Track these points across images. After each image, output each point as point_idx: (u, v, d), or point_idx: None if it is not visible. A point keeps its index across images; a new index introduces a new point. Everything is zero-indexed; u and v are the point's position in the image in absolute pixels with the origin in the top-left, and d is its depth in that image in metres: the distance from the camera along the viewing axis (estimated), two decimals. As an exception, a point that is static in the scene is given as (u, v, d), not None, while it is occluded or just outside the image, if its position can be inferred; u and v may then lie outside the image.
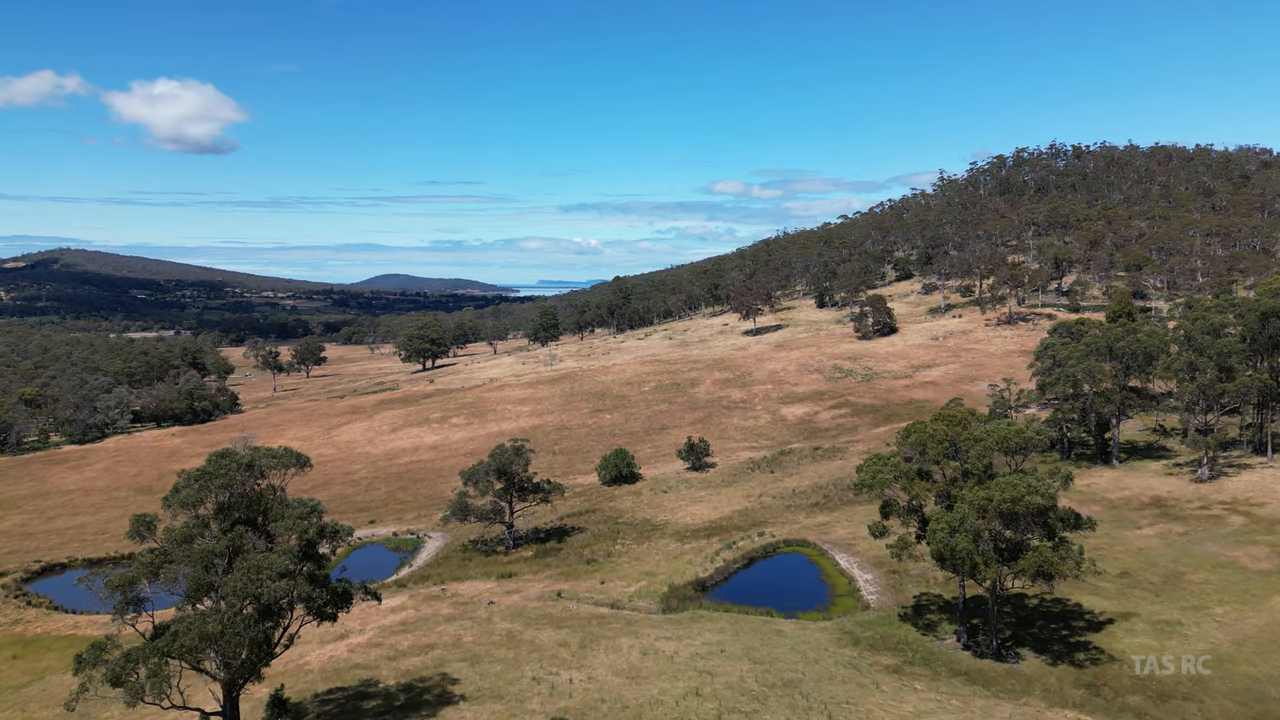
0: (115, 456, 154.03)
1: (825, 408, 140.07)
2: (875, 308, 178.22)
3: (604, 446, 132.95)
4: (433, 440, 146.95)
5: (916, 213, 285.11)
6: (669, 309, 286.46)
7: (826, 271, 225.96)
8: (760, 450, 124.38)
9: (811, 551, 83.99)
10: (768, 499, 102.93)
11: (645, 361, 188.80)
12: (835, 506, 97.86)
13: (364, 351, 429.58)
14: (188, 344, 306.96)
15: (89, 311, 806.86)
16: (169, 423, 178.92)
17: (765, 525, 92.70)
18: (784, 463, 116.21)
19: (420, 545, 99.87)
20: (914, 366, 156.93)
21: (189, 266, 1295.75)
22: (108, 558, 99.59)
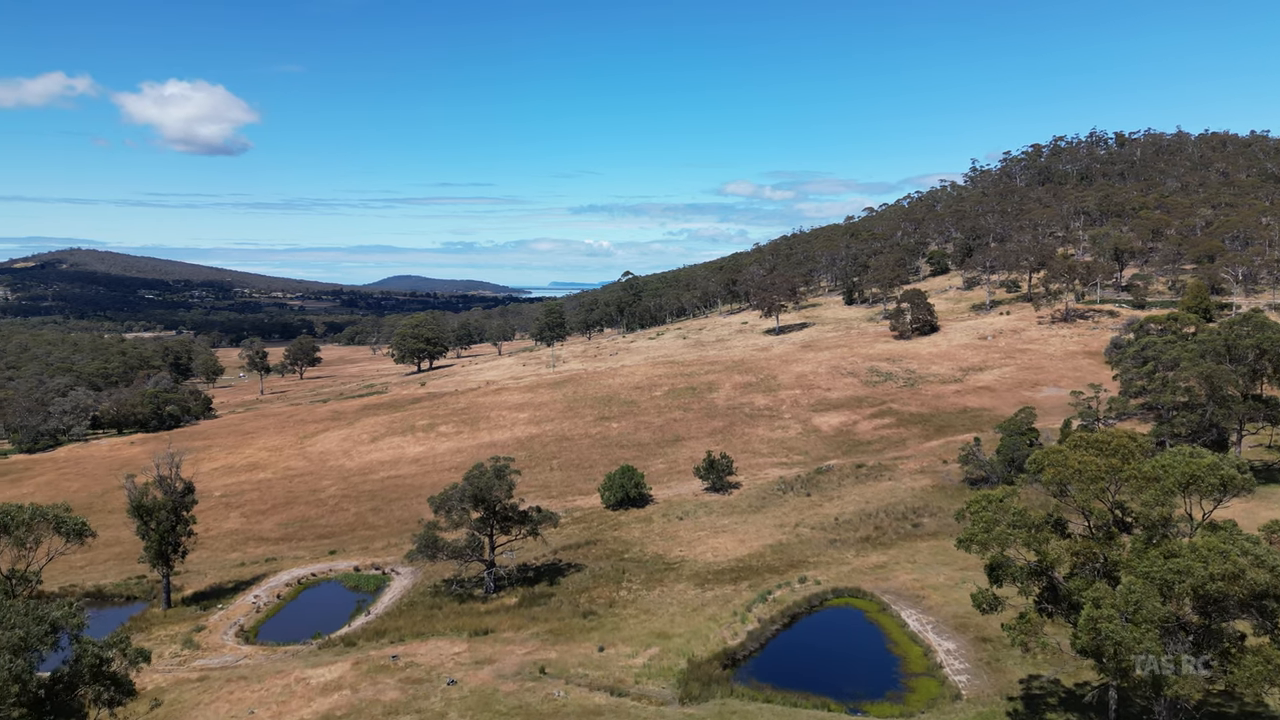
0: (62, 469, 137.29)
1: (865, 416, 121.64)
2: (914, 303, 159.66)
3: (609, 461, 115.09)
4: (416, 452, 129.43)
5: (949, 203, 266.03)
6: (682, 307, 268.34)
7: (855, 265, 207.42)
8: (792, 467, 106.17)
9: (868, 605, 65.79)
10: (805, 530, 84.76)
11: (657, 363, 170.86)
12: (890, 542, 79.59)
13: (365, 352, 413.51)
14: (175, 344, 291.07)
15: (95, 312, 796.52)
16: (132, 429, 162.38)
17: (806, 566, 74.60)
18: (821, 483, 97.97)
19: (385, 584, 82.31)
20: (963, 369, 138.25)
21: (199, 267, 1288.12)
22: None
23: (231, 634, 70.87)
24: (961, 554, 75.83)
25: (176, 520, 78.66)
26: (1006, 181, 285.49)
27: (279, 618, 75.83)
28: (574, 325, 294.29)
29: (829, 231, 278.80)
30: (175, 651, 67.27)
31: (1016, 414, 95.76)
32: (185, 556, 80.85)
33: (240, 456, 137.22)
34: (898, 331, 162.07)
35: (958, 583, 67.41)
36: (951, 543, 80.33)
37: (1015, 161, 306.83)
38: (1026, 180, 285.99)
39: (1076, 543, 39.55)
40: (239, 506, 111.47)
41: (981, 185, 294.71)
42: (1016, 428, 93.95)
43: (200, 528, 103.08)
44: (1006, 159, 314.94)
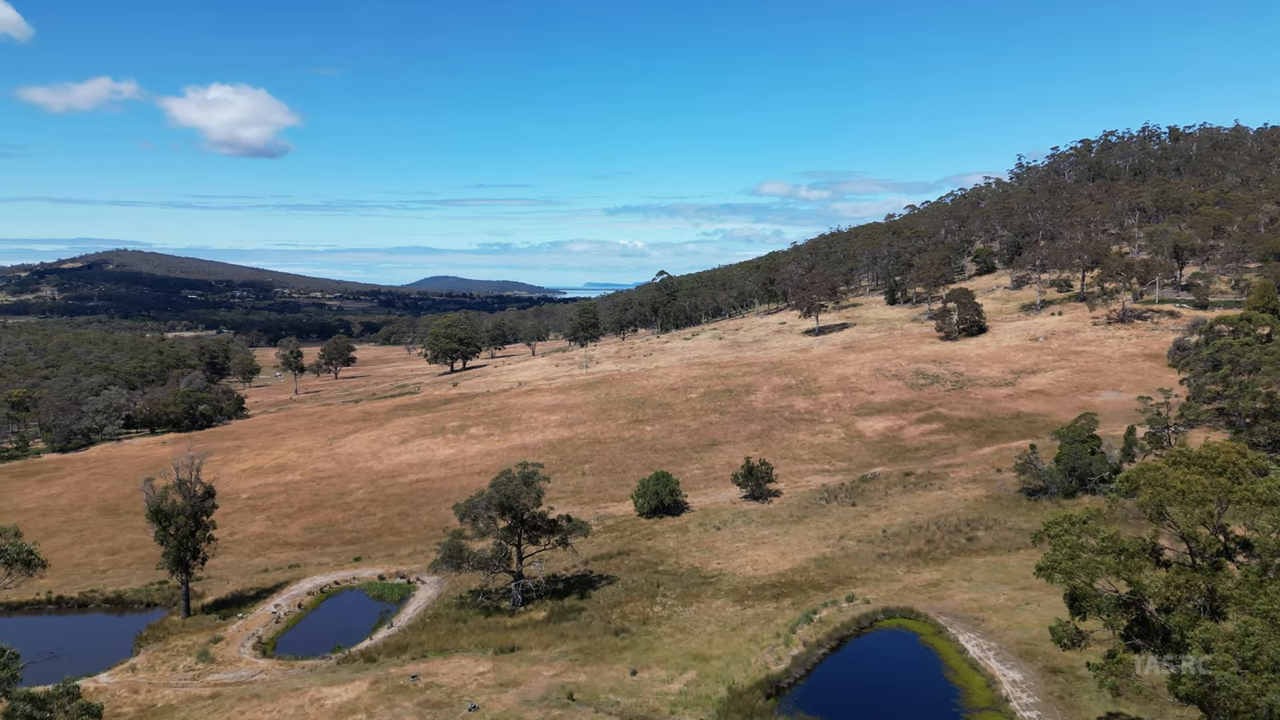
0: (92, 468, 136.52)
1: (911, 421, 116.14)
2: (962, 303, 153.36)
3: (642, 466, 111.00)
4: (445, 454, 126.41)
5: (995, 200, 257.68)
6: (718, 306, 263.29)
7: (899, 264, 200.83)
8: (835, 475, 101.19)
9: (923, 628, 60.86)
10: (851, 543, 79.89)
11: (692, 364, 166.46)
12: (944, 557, 74.48)
13: (401, 352, 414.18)
14: (212, 343, 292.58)
15: (139, 311, 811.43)
16: (165, 429, 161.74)
17: (853, 583, 69.84)
18: (866, 492, 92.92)
19: (409, 594, 79.01)
20: (1014, 372, 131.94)
21: (240, 268, 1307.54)
22: (28, 602, 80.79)
23: (249, 646, 67.95)
24: (1022, 571, 70.84)
25: (196, 525, 76.03)
26: (1055, 178, 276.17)
27: (299, 629, 72.87)
28: (608, 325, 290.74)
29: (869, 229, 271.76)
30: (190, 665, 64.45)
31: (1076, 420, 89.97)
32: (205, 563, 78.23)
33: (269, 457, 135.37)
34: (944, 332, 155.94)
35: (1020, 604, 62.29)
36: (1010, 558, 75.28)
37: (1063, 157, 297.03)
38: (1076, 176, 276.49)
39: (1178, 574, 34.51)
40: (265, 509, 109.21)
41: (1028, 182, 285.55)
42: (1077, 435, 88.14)
43: (225, 531, 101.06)
44: (1054, 155, 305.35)
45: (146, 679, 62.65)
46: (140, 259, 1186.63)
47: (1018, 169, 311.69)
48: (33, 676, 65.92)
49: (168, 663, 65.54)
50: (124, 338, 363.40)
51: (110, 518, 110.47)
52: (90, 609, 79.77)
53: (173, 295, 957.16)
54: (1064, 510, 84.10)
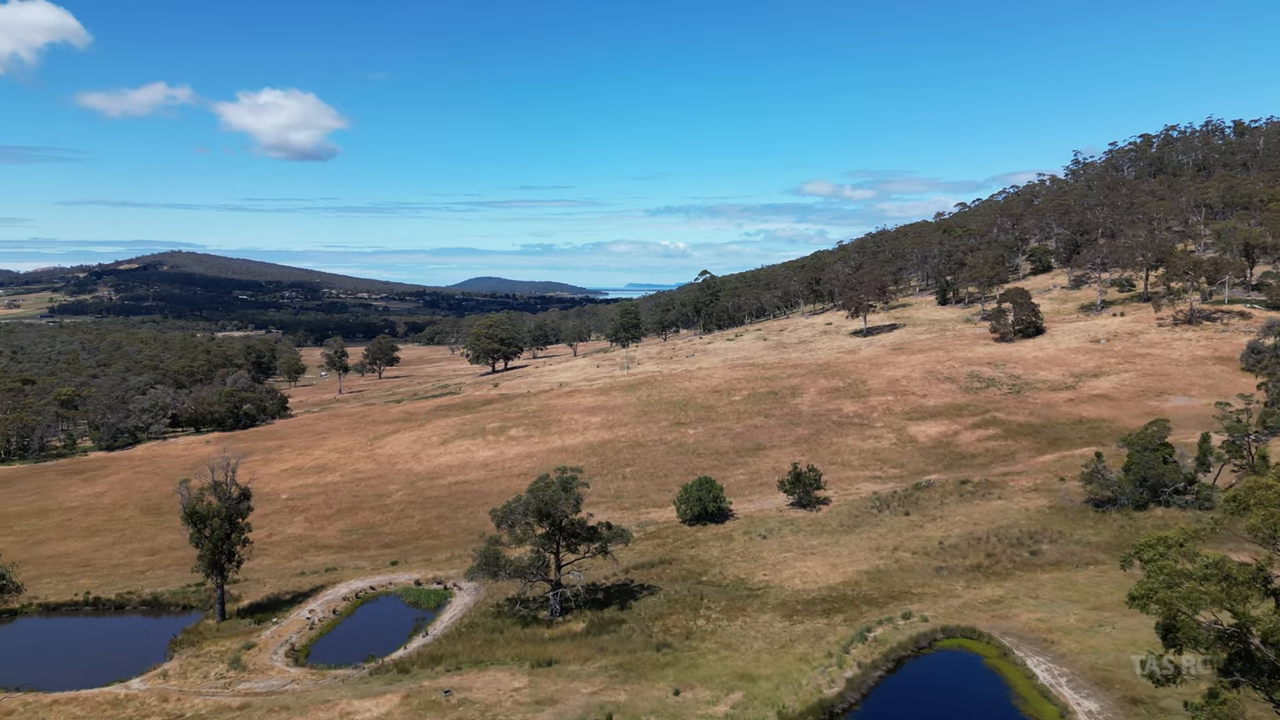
0: (137, 467, 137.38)
1: (966, 426, 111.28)
2: (1018, 303, 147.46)
3: (685, 470, 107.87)
4: (485, 456, 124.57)
5: (1050, 198, 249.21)
6: (762, 307, 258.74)
7: (950, 263, 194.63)
8: (886, 482, 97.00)
9: (987, 650, 56.85)
10: (906, 555, 75.85)
11: (735, 365, 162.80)
12: (1006, 572, 70.14)
13: (444, 352, 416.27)
14: (259, 343, 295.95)
15: (191, 312, 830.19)
16: (209, 428, 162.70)
17: (909, 599, 65.96)
18: (921, 501, 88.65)
19: (446, 601, 76.82)
20: (1075, 375, 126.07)
21: (289, 268, 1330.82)
22: (66, 603, 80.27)
23: (281, 654, 66.26)
24: (1093, 589, 66.30)
25: (231, 528, 74.71)
26: (1113, 174, 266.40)
27: (333, 636, 71.07)
28: (649, 326, 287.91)
29: (918, 228, 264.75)
30: (221, 672, 62.89)
31: (1146, 427, 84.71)
32: (240, 566, 76.97)
33: (310, 458, 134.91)
34: (998, 333, 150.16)
35: (1093, 626, 57.95)
36: (1079, 575, 70.65)
37: (1122, 153, 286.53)
38: (1136, 172, 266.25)
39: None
40: (304, 511, 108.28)
41: (1085, 178, 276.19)
42: (1147, 442, 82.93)
43: (264, 533, 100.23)
44: (1112, 150, 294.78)
45: (177, 686, 61.22)
46: (194, 260, 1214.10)
47: (1074, 165, 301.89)
48: (68, 680, 65.13)
49: (200, 669, 64.10)
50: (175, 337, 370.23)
51: (152, 517, 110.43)
52: (127, 610, 78.97)
53: (224, 296, 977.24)
54: (1135, 523, 79.35)
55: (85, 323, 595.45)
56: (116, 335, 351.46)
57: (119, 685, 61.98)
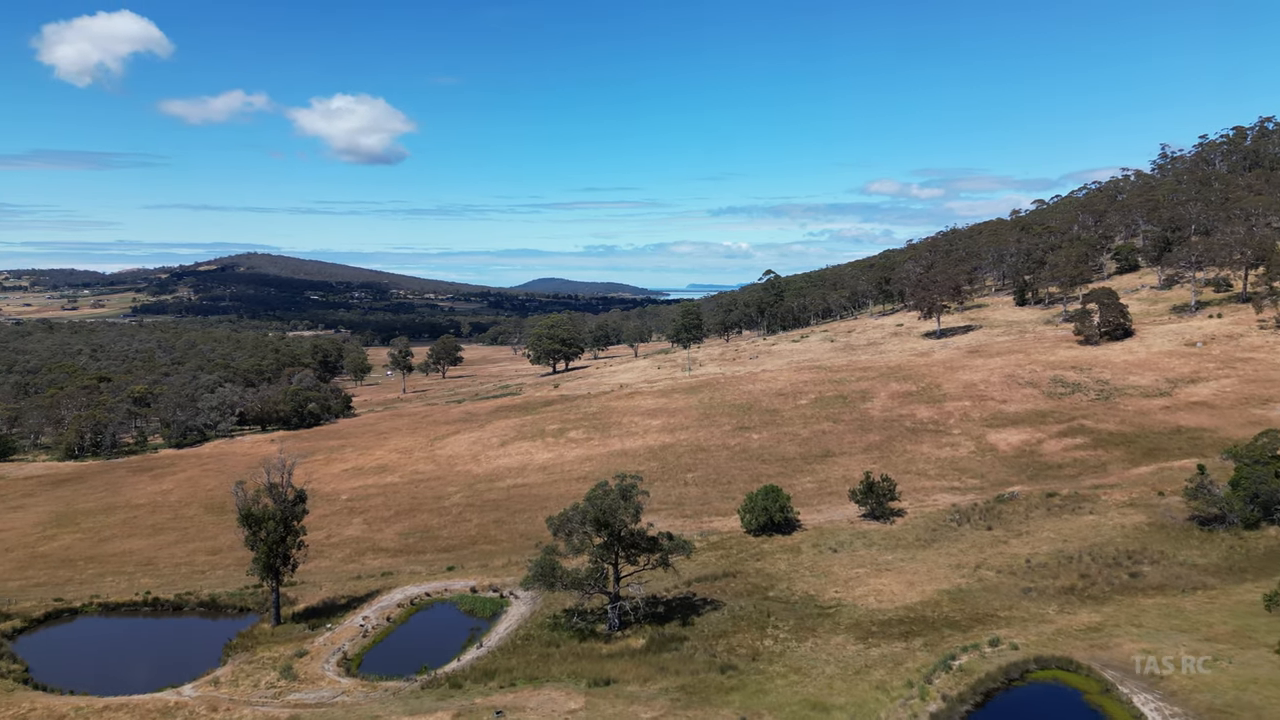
0: (204, 464, 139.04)
1: (1051, 435, 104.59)
2: (1104, 304, 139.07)
3: (749, 476, 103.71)
4: (544, 459, 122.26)
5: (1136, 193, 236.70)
6: (828, 307, 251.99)
7: (1030, 262, 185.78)
8: (965, 493, 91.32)
9: (1086, 684, 51.60)
10: (989, 573, 70.51)
11: (801, 368, 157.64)
12: (1103, 595, 64.38)
13: (507, 352, 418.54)
14: (327, 342, 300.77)
15: (265, 311, 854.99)
16: (275, 426, 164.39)
17: (995, 623, 60.84)
18: (1004, 515, 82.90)
19: (501, 610, 74.31)
20: (1170, 381, 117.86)
21: (359, 269, 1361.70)
22: (126, 603, 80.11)
23: (333, 663, 64.45)
24: (1204, 618, 60.10)
25: (286, 531, 73.42)
26: (1204, 168, 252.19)
27: (385, 644, 69.10)
28: (711, 327, 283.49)
29: (994, 226, 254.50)
30: (272, 681, 61.29)
31: (1257, 438, 77.62)
32: (295, 569, 75.69)
33: (370, 458, 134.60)
34: (1083, 336, 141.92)
35: (1209, 659, 52.15)
36: (1186, 601, 64.42)
37: (1213, 146, 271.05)
38: (1229, 166, 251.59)
39: None
40: (363, 512, 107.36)
41: (1174, 173, 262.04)
42: (1258, 455, 75.92)
43: (323, 534, 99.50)
44: (1202, 144, 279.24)
45: (228, 694, 59.80)
46: (268, 261, 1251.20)
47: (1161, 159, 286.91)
48: (122, 684, 64.48)
49: (251, 676, 62.66)
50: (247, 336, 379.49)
51: (215, 515, 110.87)
52: (185, 612, 78.40)
53: (296, 296, 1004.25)
54: (1246, 544, 72.44)
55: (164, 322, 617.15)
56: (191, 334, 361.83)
57: (171, 691, 60.90)
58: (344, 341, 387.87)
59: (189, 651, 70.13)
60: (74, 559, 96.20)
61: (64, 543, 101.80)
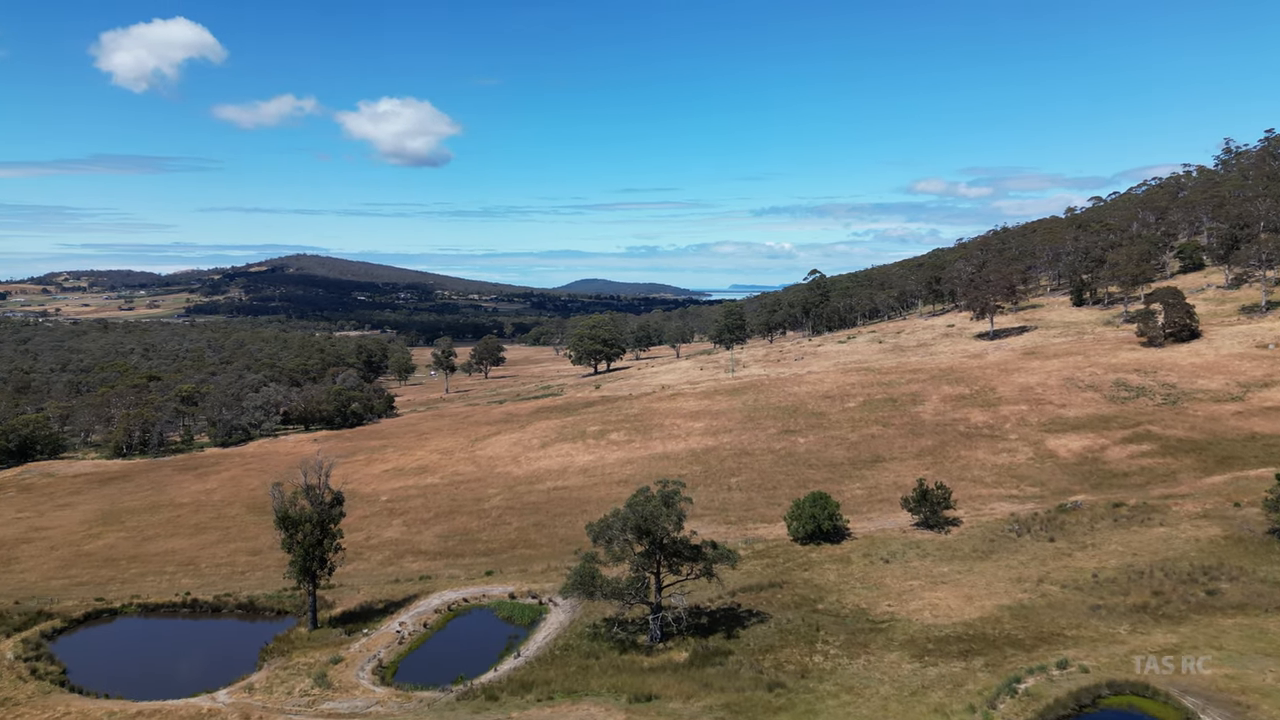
0: (247, 464, 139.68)
1: (1115, 441, 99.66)
2: (1169, 304, 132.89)
3: (795, 482, 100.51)
4: (584, 461, 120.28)
5: (1199, 189, 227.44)
6: (876, 307, 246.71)
7: (1088, 261, 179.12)
8: (1024, 501, 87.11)
9: (1164, 712, 47.82)
10: (1053, 589, 66.59)
11: (848, 370, 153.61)
12: (1179, 615, 60.14)
13: (549, 353, 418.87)
14: (371, 342, 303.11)
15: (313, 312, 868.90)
16: (318, 426, 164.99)
17: (1062, 643, 57.08)
18: (1067, 525, 78.68)
19: (540, 618, 72.29)
20: (1241, 385, 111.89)
21: (405, 270, 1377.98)
22: (165, 604, 79.76)
23: (368, 670, 62.94)
24: (1292, 642, 55.89)
25: (323, 534, 72.31)
26: (1272, 163, 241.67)
27: (422, 652, 67.50)
28: (755, 327, 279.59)
29: (1049, 224, 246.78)
30: (306, 689, 59.93)
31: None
32: (332, 573, 74.51)
33: (411, 458, 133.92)
34: (1146, 337, 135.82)
35: (1301, 690, 47.99)
36: (1270, 621, 59.73)
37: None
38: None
39: None
40: (402, 514, 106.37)
41: (1239, 168, 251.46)
42: (1346, 465, 70.83)
43: (362, 535, 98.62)
44: (1269, 138, 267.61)
45: (261, 701, 58.57)
46: (317, 263, 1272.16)
47: (1224, 154, 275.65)
48: (157, 688, 63.77)
49: (286, 683, 61.42)
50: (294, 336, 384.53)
51: (257, 515, 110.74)
52: (223, 614, 77.77)
53: (344, 297, 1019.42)
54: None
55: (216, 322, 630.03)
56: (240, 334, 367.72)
57: (205, 696, 59.92)
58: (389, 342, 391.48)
59: (225, 655, 69.34)
60: (117, 558, 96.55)
61: (108, 541, 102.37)
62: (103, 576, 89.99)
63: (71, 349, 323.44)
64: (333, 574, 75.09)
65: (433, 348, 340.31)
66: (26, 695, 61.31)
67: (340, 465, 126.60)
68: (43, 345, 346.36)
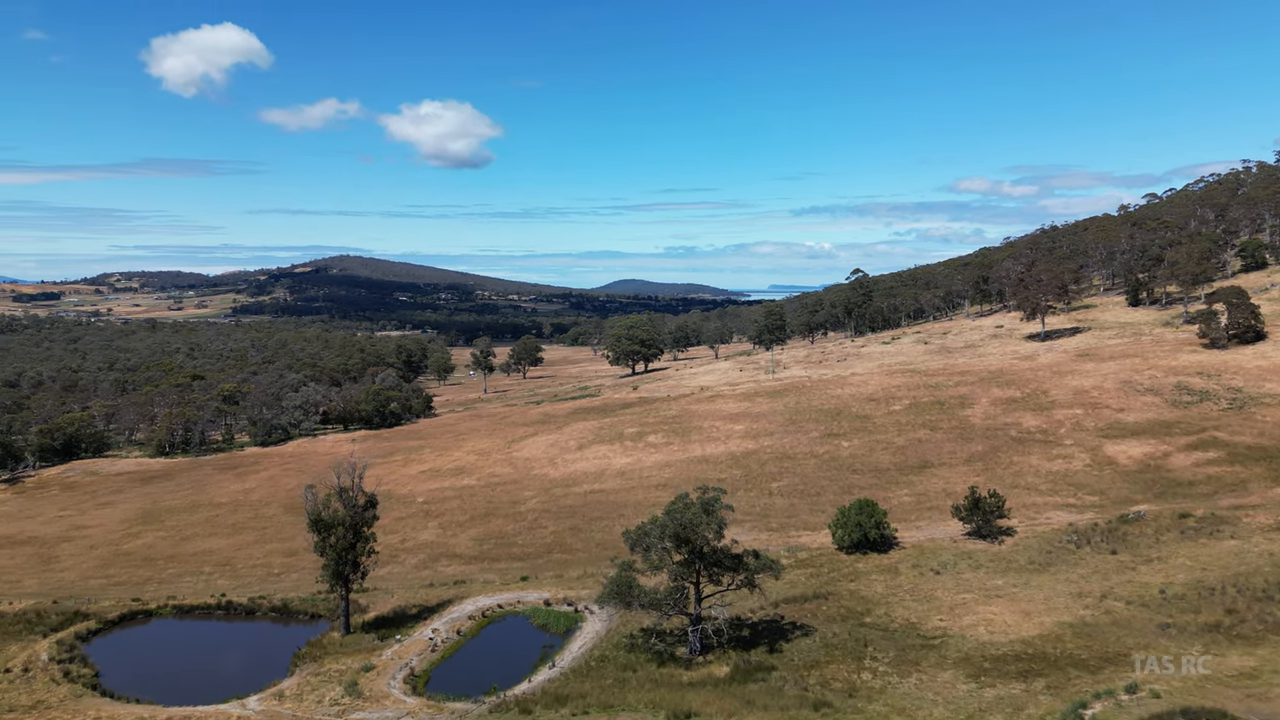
0: (285, 464, 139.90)
1: (1178, 448, 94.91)
2: (1233, 304, 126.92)
3: (840, 487, 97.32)
4: (622, 463, 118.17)
5: (1262, 185, 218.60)
6: (920, 308, 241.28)
7: (1145, 259, 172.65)
8: (1083, 511, 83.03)
9: (1248, 745, 44.13)
10: (1118, 605, 62.83)
11: (893, 371, 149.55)
12: (1256, 636, 56.16)
13: (586, 353, 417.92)
14: (411, 342, 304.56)
15: (356, 312, 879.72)
16: (357, 425, 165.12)
17: (1129, 664, 53.50)
18: (1130, 537, 74.58)
19: (576, 626, 70.31)
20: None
21: (446, 271, 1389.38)
22: (200, 606, 79.20)
23: (399, 679, 61.40)
24: (1387, 670, 51.79)
25: (356, 538, 71.04)
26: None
27: (455, 660, 65.85)
28: (795, 328, 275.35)
29: (1101, 222, 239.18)
30: (336, 698, 58.53)
31: None
32: (365, 577, 73.19)
33: (448, 459, 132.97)
34: (1208, 339, 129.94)
35: (1400, 724, 44.10)
36: (1359, 647, 55.96)
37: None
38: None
39: None
40: (438, 516, 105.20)
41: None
42: None
43: (398, 538, 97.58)
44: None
45: (291, 710, 57.31)
46: (360, 264, 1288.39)
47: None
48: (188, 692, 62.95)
49: (316, 691, 60.13)
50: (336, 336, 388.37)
51: (294, 516, 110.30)
52: (257, 616, 77.00)
53: (386, 297, 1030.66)
54: None
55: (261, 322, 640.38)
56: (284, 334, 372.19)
57: (235, 703, 58.88)
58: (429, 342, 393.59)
59: (258, 659, 68.41)
60: (155, 557, 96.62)
61: (147, 540, 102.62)
62: (140, 576, 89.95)
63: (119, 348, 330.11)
64: (366, 578, 73.79)
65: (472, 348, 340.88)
66: (59, 699, 60.82)
67: (377, 465, 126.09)
68: (92, 344, 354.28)
